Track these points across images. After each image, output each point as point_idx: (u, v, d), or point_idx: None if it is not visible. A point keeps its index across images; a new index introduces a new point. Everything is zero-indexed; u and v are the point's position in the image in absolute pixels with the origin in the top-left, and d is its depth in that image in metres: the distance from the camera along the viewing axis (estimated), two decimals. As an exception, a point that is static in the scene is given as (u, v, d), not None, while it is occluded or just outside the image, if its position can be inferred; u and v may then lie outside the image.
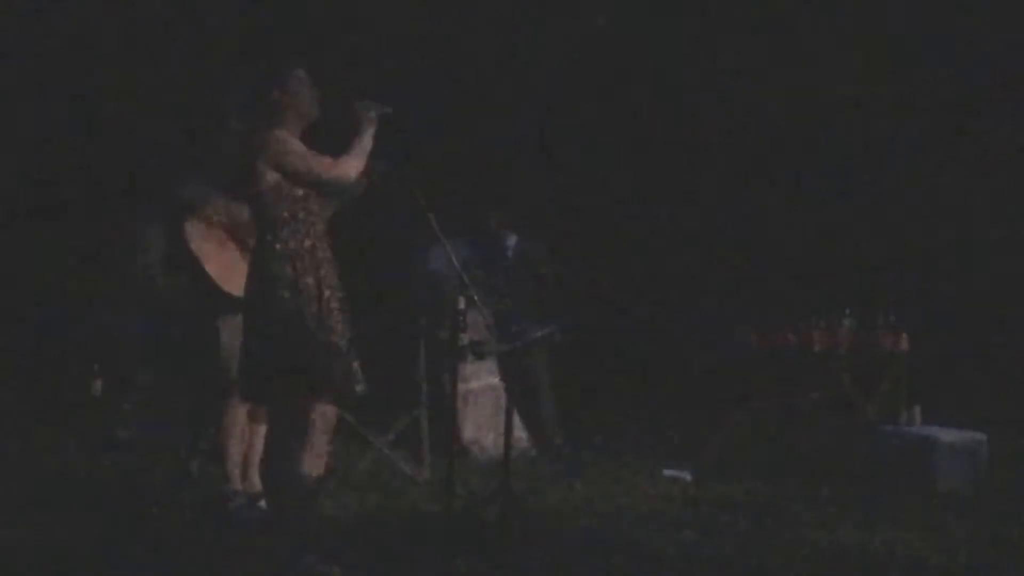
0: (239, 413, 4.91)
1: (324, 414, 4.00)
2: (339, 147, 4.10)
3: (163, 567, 4.15)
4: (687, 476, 6.00)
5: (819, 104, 8.33)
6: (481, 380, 6.79)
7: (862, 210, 8.37)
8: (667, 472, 6.08)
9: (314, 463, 3.99)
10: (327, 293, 4.00)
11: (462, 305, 4.81)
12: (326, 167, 4.03)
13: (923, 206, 8.20)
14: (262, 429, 4.70)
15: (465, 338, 4.85)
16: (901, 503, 5.34)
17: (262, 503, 4.81)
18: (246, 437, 4.97)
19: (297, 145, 4.04)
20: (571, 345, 7.10)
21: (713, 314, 8.19)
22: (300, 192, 4.01)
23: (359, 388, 4.04)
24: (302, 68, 4.15)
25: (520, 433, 6.65)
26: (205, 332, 4.96)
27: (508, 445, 4.95)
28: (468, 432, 6.70)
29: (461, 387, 6.66)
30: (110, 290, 6.42)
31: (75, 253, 7.46)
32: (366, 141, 4.12)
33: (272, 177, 3.97)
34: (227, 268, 4.84)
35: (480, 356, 6.31)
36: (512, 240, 7.07)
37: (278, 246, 3.97)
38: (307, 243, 4.01)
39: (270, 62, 4.22)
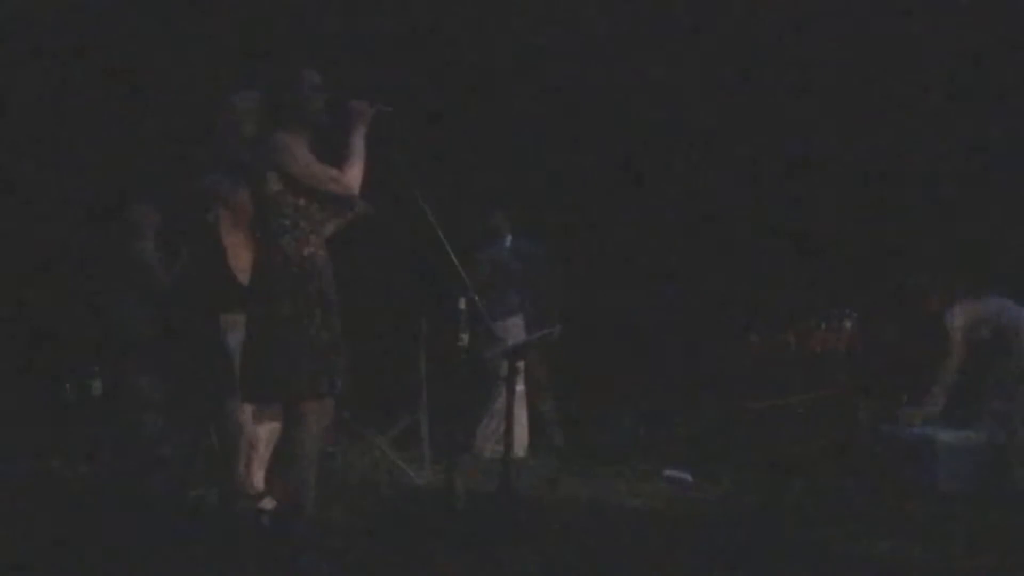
0: (246, 414, 4.90)
1: (321, 412, 4.02)
2: (335, 147, 4.09)
3: (164, 567, 4.15)
4: (687, 476, 6.00)
5: (820, 103, 8.33)
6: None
7: (863, 210, 8.36)
8: (667, 472, 6.09)
9: (307, 462, 4.01)
10: (329, 300, 4.02)
11: (462, 305, 4.82)
12: (329, 180, 4.02)
13: (924, 206, 8.19)
14: (263, 430, 4.71)
15: (465, 339, 4.85)
16: (901, 503, 5.35)
17: (264, 503, 4.81)
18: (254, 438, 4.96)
19: (302, 154, 4.02)
20: (571, 345, 7.11)
21: (714, 314, 8.19)
22: (302, 200, 4.01)
23: (338, 387, 4.06)
24: (314, 71, 4.13)
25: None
26: (209, 328, 4.94)
27: (509, 445, 4.96)
28: (493, 426, 6.67)
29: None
30: (109, 282, 6.40)
31: (74, 246, 7.45)
32: (357, 145, 4.10)
33: (275, 184, 3.97)
34: (244, 262, 4.79)
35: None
36: (509, 240, 7.07)
37: (279, 254, 3.98)
38: (307, 251, 4.01)
39: (280, 63, 4.19)
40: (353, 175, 4.06)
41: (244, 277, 4.63)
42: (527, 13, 8.42)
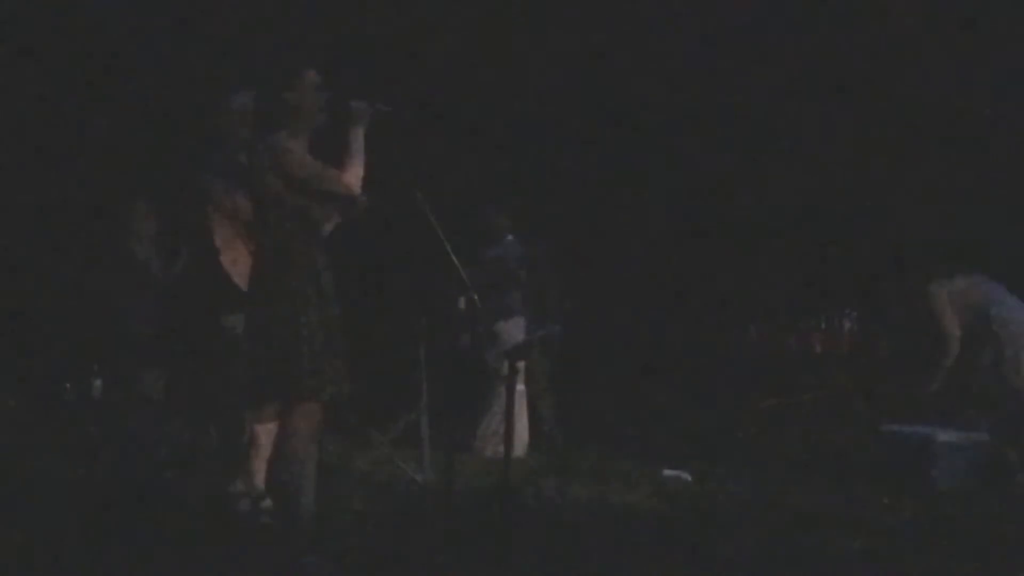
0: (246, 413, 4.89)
1: (309, 414, 4.03)
2: (335, 147, 4.09)
3: (164, 567, 4.15)
4: (687, 476, 6.00)
5: (820, 104, 8.33)
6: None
7: (864, 211, 8.37)
8: (667, 472, 6.09)
9: (304, 462, 4.02)
10: (328, 301, 4.02)
11: (462, 305, 4.82)
12: (329, 180, 4.02)
13: (923, 207, 8.20)
14: (263, 430, 4.70)
15: (465, 339, 4.85)
16: (901, 503, 5.35)
17: (264, 503, 4.81)
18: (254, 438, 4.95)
19: (302, 154, 4.02)
20: (571, 345, 7.12)
21: (714, 315, 8.20)
22: (302, 201, 4.01)
23: (333, 389, 4.06)
24: (313, 70, 4.12)
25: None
26: (209, 328, 4.93)
27: (509, 445, 4.95)
28: (494, 426, 6.67)
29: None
30: (107, 282, 6.41)
31: (73, 247, 7.45)
32: (357, 145, 4.09)
33: (275, 185, 3.97)
34: (242, 265, 4.79)
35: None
36: (509, 240, 7.07)
37: (279, 254, 3.98)
38: (307, 251, 4.01)
39: (280, 63, 4.19)
40: (353, 175, 4.06)
41: (239, 279, 4.65)
42: (527, 13, 8.42)
